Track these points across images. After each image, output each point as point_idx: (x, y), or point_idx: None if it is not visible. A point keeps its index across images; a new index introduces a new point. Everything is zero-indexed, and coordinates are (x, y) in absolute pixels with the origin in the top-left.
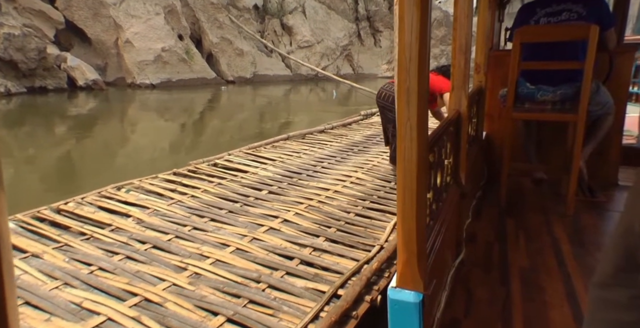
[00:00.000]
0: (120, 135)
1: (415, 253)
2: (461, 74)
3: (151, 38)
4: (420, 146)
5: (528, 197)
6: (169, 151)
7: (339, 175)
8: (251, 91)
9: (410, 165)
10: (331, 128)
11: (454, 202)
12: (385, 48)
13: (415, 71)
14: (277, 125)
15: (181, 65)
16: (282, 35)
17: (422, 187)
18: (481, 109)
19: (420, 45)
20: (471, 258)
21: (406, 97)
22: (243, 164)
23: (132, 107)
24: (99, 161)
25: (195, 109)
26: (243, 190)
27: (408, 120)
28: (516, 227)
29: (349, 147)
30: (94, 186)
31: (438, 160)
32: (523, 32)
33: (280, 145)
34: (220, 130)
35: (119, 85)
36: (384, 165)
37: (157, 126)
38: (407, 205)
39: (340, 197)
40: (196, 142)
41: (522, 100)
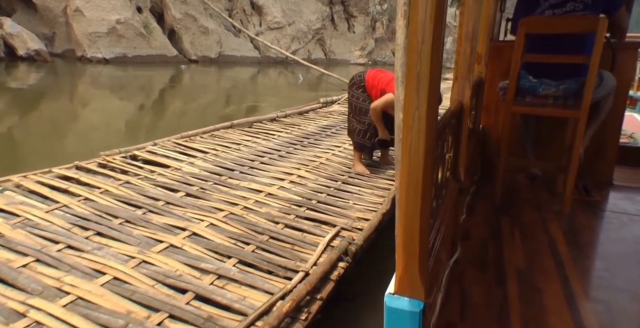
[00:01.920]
0: (66, 113)
1: (417, 257)
2: (466, 62)
3: (105, 8)
4: (428, 139)
5: (523, 194)
6: (125, 133)
7: (279, 172)
8: (216, 72)
9: (416, 160)
10: (284, 116)
11: (452, 198)
12: (359, 34)
13: (428, 54)
14: (244, 109)
15: (139, 39)
16: (252, 14)
17: (428, 184)
18: (480, 101)
19: (435, 25)
20: (466, 257)
21: (416, 83)
22: (168, 157)
23: (82, 82)
24: (38, 143)
25: (153, 88)
26: (154, 192)
27: (417, 109)
28: (511, 224)
29: (299, 139)
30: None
31: (440, 154)
32: (529, 23)
33: (221, 134)
34: (183, 112)
35: (67, 58)
36: (334, 162)
37: (111, 105)
38: (410, 203)
39: (273, 202)
40: (155, 124)
41: (523, 93)
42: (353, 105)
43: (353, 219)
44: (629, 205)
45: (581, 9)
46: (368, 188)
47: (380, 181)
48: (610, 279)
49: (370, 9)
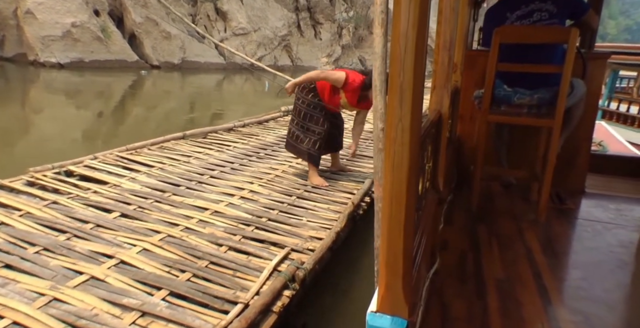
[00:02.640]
0: (13, 120)
1: (400, 275)
2: (444, 71)
3: (59, 10)
4: (412, 151)
5: (498, 202)
6: (82, 141)
7: (229, 187)
8: (179, 78)
9: (400, 173)
10: (242, 125)
11: (432, 209)
12: (326, 41)
13: (411, 64)
14: (208, 116)
15: (96, 44)
16: (216, 20)
17: (412, 198)
18: (456, 110)
19: (418, 35)
20: (445, 268)
21: (399, 94)
22: (108, 172)
23: (33, 87)
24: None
25: (111, 94)
26: (84, 213)
27: (400, 121)
28: (489, 234)
29: (256, 150)
30: None
31: (420, 165)
32: (503, 32)
33: (171, 146)
34: (141, 120)
35: (18, 62)
36: (290, 174)
37: (66, 112)
38: (394, 219)
39: (219, 221)
40: (114, 132)
41: (498, 102)
42: (302, 113)
43: (305, 239)
44: (601, 213)
45: (547, 17)
46: (324, 202)
47: (337, 194)
48: (588, 289)
49: (336, 16)
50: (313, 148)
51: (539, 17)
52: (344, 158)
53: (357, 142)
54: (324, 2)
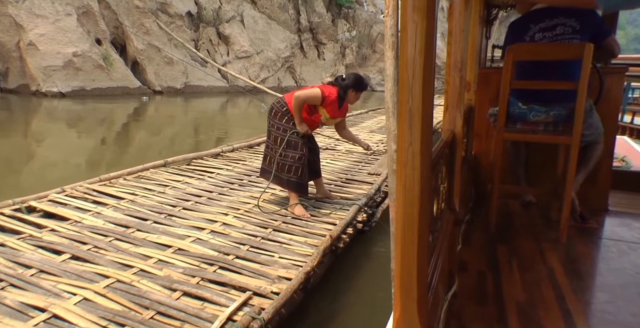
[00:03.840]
0: (17, 149)
1: (415, 298)
2: (456, 91)
3: (60, 41)
4: (423, 174)
5: (518, 222)
6: (86, 168)
7: (201, 220)
8: (182, 103)
9: (411, 196)
10: (231, 150)
11: (448, 230)
12: (329, 61)
13: (420, 89)
14: (212, 140)
15: (97, 72)
16: (219, 44)
17: (425, 222)
18: (471, 128)
19: (425, 60)
20: (464, 290)
21: (409, 119)
22: (73, 207)
23: (35, 117)
24: None
25: (114, 120)
26: (29, 257)
27: (410, 145)
28: (509, 254)
29: (239, 176)
30: None
31: (435, 186)
32: (516, 50)
33: (149, 174)
34: (143, 146)
35: (21, 93)
36: (272, 203)
37: (67, 140)
38: (407, 241)
39: (180, 260)
40: (118, 159)
41: (513, 120)
42: (278, 139)
43: (272, 279)
44: (626, 232)
45: (570, 32)
46: (302, 235)
47: (318, 226)
48: (615, 313)
49: (339, 36)
50: (297, 176)
51: (561, 31)
52: (332, 183)
53: (360, 140)
54: (326, 23)
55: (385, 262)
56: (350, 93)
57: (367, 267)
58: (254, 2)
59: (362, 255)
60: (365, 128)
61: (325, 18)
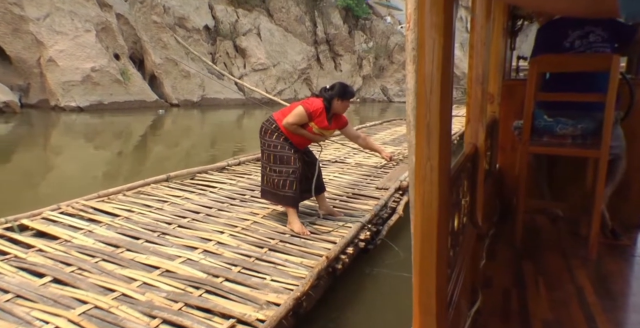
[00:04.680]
0: (37, 162)
1: (434, 313)
2: (477, 105)
3: (79, 57)
4: (442, 189)
5: (544, 237)
6: (102, 180)
7: (195, 239)
8: (198, 115)
9: (430, 211)
10: (237, 163)
11: (470, 245)
12: (346, 72)
13: (437, 105)
14: (229, 152)
15: (115, 86)
16: (235, 57)
17: (444, 237)
18: (495, 142)
19: (442, 76)
20: (488, 307)
21: (426, 134)
22: (66, 225)
23: (54, 131)
24: (5, 195)
25: (131, 133)
26: (8, 281)
27: (428, 160)
28: (535, 271)
29: (242, 191)
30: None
31: (456, 201)
32: (540, 62)
33: (150, 190)
34: (160, 158)
35: (41, 108)
36: (272, 219)
37: (85, 152)
38: (425, 257)
39: (165, 283)
40: (134, 171)
41: (539, 133)
42: (271, 156)
43: (260, 305)
44: None
45: (600, 41)
46: (298, 256)
47: (316, 245)
48: None
49: (355, 47)
50: (291, 190)
51: (594, 39)
52: (338, 199)
53: (377, 146)
54: (342, 34)
55: (391, 283)
56: (335, 102)
57: (370, 288)
58: (271, 15)
59: (365, 276)
60: (378, 139)
61: (342, 30)
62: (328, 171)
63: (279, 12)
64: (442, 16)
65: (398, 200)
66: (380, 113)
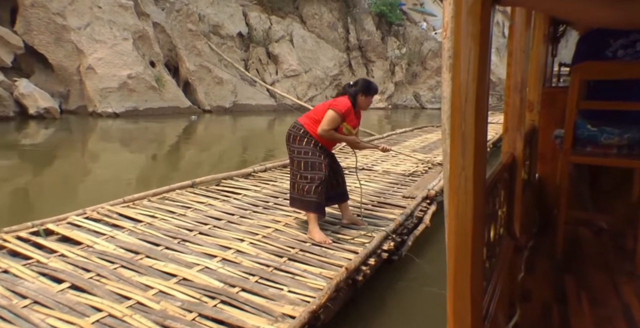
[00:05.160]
0: (75, 166)
1: (469, 326)
2: (516, 113)
3: (116, 64)
4: (476, 200)
5: (587, 250)
6: (136, 184)
7: (215, 246)
8: (230, 121)
9: (464, 222)
10: (263, 170)
11: (507, 256)
12: (378, 78)
13: (472, 114)
14: (260, 157)
15: (150, 93)
16: (268, 63)
17: (478, 247)
18: (534, 151)
19: (478, 85)
20: (527, 322)
21: (461, 144)
22: (89, 230)
23: (92, 136)
24: (45, 197)
25: (165, 138)
26: (27, 286)
27: (463, 170)
28: (577, 285)
29: (266, 198)
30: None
31: (492, 211)
32: (583, 69)
33: (175, 196)
34: (198, 161)
35: (79, 114)
36: (293, 228)
37: (121, 156)
38: (459, 268)
39: (181, 292)
40: (168, 175)
41: (582, 142)
42: (302, 163)
43: (275, 317)
44: None
45: None
46: (318, 266)
47: (337, 254)
48: None
49: (388, 53)
50: (315, 195)
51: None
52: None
53: (375, 145)
54: (375, 41)
55: (417, 298)
56: (360, 98)
57: (394, 302)
58: (304, 21)
59: (388, 289)
60: (407, 147)
61: (375, 36)
62: (354, 178)
63: (311, 18)
64: (479, 25)
65: (425, 209)
66: (413, 120)
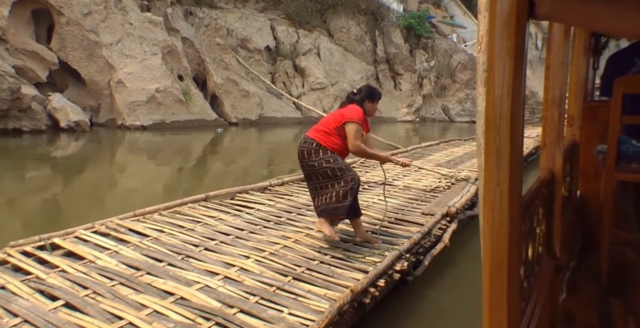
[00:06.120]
0: (103, 177)
1: None
2: (554, 128)
3: (145, 78)
4: (512, 216)
5: (635, 272)
6: (162, 194)
7: (219, 263)
8: (256, 133)
9: (499, 239)
10: (280, 184)
11: (547, 276)
12: (406, 91)
13: (507, 130)
14: (286, 170)
15: (177, 106)
16: (294, 76)
17: (515, 265)
18: (575, 167)
19: (513, 100)
20: None
21: (496, 160)
22: (95, 245)
23: (120, 148)
24: (71, 209)
25: (191, 151)
26: (21, 304)
27: (498, 185)
28: (624, 310)
29: (278, 213)
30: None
31: (529, 229)
32: (626, 82)
33: (186, 209)
34: (223, 173)
35: (109, 127)
36: (303, 244)
37: (148, 168)
38: (495, 287)
39: (175, 313)
40: (193, 186)
41: (627, 158)
42: (328, 172)
43: None
44: None
45: None
46: (323, 286)
47: (345, 274)
48: None
49: (416, 66)
50: (351, 198)
51: None
52: (378, 224)
53: (397, 160)
54: (403, 54)
55: (431, 322)
56: (367, 105)
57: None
58: (331, 35)
59: (401, 312)
60: (432, 161)
61: (403, 49)
62: (372, 193)
63: (339, 32)
64: (514, 39)
65: (444, 227)
66: (441, 133)
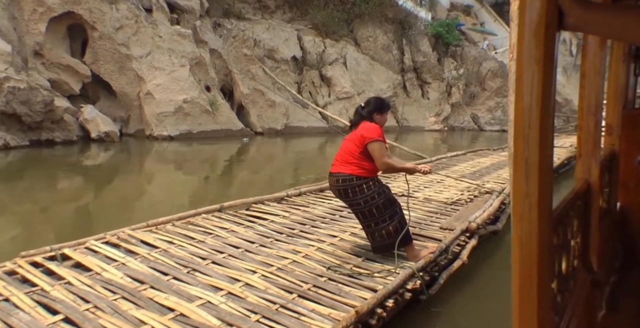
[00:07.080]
0: (131, 186)
1: None
2: (590, 138)
3: (173, 89)
4: (542, 228)
5: None
6: (189, 204)
7: (224, 278)
8: (281, 143)
9: (529, 252)
10: (298, 194)
11: (584, 291)
12: (434, 100)
13: (537, 140)
14: (311, 180)
15: (204, 116)
16: (321, 86)
17: (545, 278)
18: (614, 177)
19: (542, 110)
20: None
21: (525, 170)
22: (103, 256)
23: (148, 158)
24: (97, 217)
25: (218, 160)
26: (21, 317)
27: (527, 196)
28: None
29: (292, 225)
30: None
31: (563, 241)
32: None
33: (200, 220)
34: (249, 182)
35: (137, 137)
36: (313, 259)
37: (175, 177)
38: (525, 302)
39: None
40: (219, 195)
41: None
42: (374, 209)
43: None
44: None
45: None
46: (329, 305)
47: (353, 293)
48: None
49: (445, 74)
50: (406, 228)
51: None
52: None
53: (419, 169)
54: (431, 62)
55: None
56: (376, 117)
57: None
58: (358, 44)
59: None
60: (456, 172)
61: (431, 57)
62: None
63: (366, 41)
64: (543, 49)
65: (463, 243)
66: (470, 142)
